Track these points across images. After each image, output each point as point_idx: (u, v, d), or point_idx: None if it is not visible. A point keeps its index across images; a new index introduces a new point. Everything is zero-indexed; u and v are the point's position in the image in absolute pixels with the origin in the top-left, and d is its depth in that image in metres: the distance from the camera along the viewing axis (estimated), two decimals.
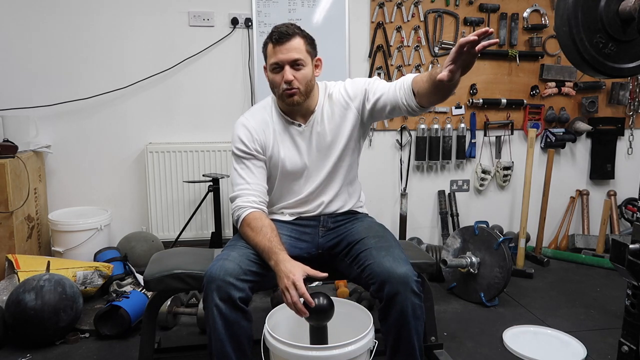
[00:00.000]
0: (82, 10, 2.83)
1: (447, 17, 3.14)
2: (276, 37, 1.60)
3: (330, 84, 1.78)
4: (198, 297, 2.42)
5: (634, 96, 3.40)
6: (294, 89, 1.63)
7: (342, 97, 1.72)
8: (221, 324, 1.43)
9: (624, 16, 1.32)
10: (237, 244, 1.62)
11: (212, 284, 1.43)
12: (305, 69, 1.64)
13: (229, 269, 1.46)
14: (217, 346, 1.45)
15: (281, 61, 1.61)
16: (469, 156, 3.32)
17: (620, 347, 1.28)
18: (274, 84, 1.66)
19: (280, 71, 1.62)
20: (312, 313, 1.44)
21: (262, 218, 1.62)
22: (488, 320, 2.40)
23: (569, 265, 3.21)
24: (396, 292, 1.44)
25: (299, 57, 1.61)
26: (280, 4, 2.95)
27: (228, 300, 1.43)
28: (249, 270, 1.50)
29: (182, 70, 2.97)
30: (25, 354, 2.04)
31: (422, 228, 3.37)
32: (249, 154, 1.70)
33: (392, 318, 1.47)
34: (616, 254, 1.26)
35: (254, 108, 1.81)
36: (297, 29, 1.63)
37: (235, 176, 1.72)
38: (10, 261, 2.38)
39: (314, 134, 1.73)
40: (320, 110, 1.73)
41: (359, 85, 1.72)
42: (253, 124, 1.72)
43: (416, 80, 1.54)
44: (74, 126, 2.92)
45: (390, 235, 1.69)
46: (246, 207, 1.64)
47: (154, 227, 2.95)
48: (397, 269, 1.46)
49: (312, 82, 1.68)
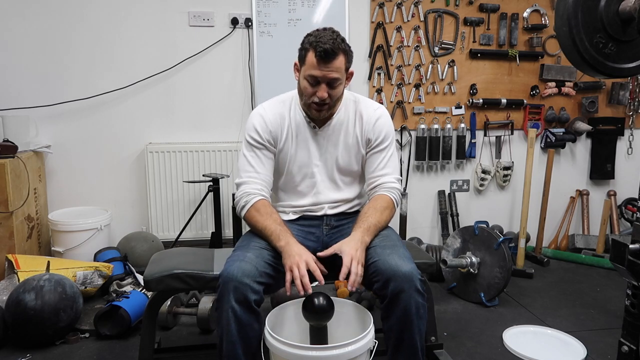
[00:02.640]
0: (82, 10, 2.83)
1: (447, 17, 3.14)
2: (322, 54, 1.56)
3: (364, 102, 1.79)
4: (198, 297, 2.42)
5: (634, 96, 3.40)
6: (325, 104, 1.64)
7: (368, 127, 1.75)
8: (235, 326, 1.42)
9: (624, 16, 1.33)
10: (250, 244, 1.61)
11: (229, 284, 1.43)
12: (340, 86, 1.65)
13: (247, 270, 1.45)
14: (229, 348, 1.44)
15: (321, 78, 1.60)
16: (469, 156, 3.32)
17: (620, 347, 1.28)
18: (305, 92, 1.64)
19: (316, 85, 1.61)
20: (312, 313, 1.44)
21: (270, 206, 1.67)
22: (488, 320, 2.40)
23: (569, 265, 3.20)
24: (401, 289, 1.45)
25: (338, 77, 1.61)
26: (280, 4, 2.95)
27: (244, 302, 1.42)
28: (265, 272, 1.50)
29: (182, 70, 2.97)
30: (25, 354, 2.04)
31: (422, 228, 3.37)
32: (261, 144, 1.71)
33: (396, 316, 1.47)
34: (616, 254, 1.26)
35: (272, 100, 1.79)
36: (341, 45, 1.60)
37: (244, 163, 1.72)
38: (10, 261, 2.38)
39: (327, 139, 1.75)
40: (340, 119, 1.75)
41: (380, 135, 1.75)
42: (270, 116, 1.73)
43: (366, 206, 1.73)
44: (74, 126, 2.92)
45: (395, 235, 1.71)
46: (255, 194, 1.66)
47: (154, 227, 2.95)
48: (402, 267, 1.47)
49: (342, 95, 1.71)
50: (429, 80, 3.18)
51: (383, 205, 1.69)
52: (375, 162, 1.76)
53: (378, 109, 1.78)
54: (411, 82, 3.16)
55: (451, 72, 3.19)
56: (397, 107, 3.16)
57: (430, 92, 3.19)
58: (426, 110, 3.20)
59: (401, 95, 3.16)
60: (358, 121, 1.76)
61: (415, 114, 3.19)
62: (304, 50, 1.63)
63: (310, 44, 1.60)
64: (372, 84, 3.11)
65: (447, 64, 3.17)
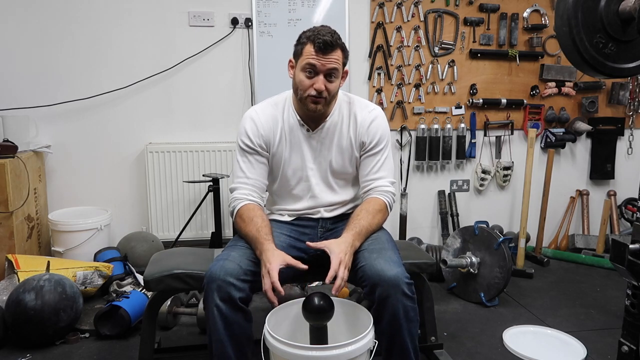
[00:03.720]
0: (82, 10, 2.83)
1: (447, 17, 3.14)
2: (321, 45, 1.56)
3: (358, 103, 1.77)
4: (198, 297, 2.42)
5: (634, 96, 3.40)
6: (322, 98, 1.62)
7: (362, 129, 1.73)
8: (221, 324, 1.43)
9: (624, 16, 1.32)
10: (237, 244, 1.62)
11: (213, 284, 1.44)
12: (336, 81, 1.64)
13: (229, 269, 1.46)
14: (218, 347, 1.45)
15: (319, 67, 1.59)
16: (469, 156, 3.32)
17: (620, 347, 1.28)
18: (301, 86, 1.62)
19: (314, 76, 1.60)
20: (312, 313, 1.44)
21: (255, 209, 1.64)
22: (488, 320, 2.40)
23: (569, 265, 3.21)
24: (387, 295, 1.45)
25: (336, 67, 1.60)
26: (280, 4, 2.95)
27: (228, 301, 1.43)
28: (249, 270, 1.50)
29: (182, 70, 2.97)
30: (25, 354, 2.04)
31: (422, 228, 3.37)
32: (252, 149, 1.71)
33: (385, 321, 1.48)
34: (616, 254, 1.26)
35: (264, 103, 1.78)
36: (339, 40, 1.61)
37: (237, 169, 1.73)
38: (10, 261, 2.38)
39: (320, 142, 1.74)
40: (334, 121, 1.73)
41: (375, 138, 1.73)
42: (261, 119, 1.72)
43: (358, 208, 1.70)
44: (74, 126, 2.92)
45: (385, 236, 1.69)
46: (241, 199, 1.67)
47: (154, 227, 2.95)
48: (388, 272, 1.46)
49: (337, 93, 1.70)
50: (429, 80, 3.18)
51: (376, 208, 1.68)
52: (369, 165, 1.74)
53: (373, 110, 1.75)
54: (411, 82, 3.16)
55: (451, 72, 3.19)
56: (397, 107, 3.16)
57: (430, 92, 3.19)
58: (426, 110, 3.20)
59: (401, 95, 3.16)
60: (352, 123, 1.74)
61: (415, 114, 3.19)
62: (301, 45, 1.62)
63: (308, 37, 1.59)
64: (372, 84, 3.11)
65: (447, 64, 3.17)
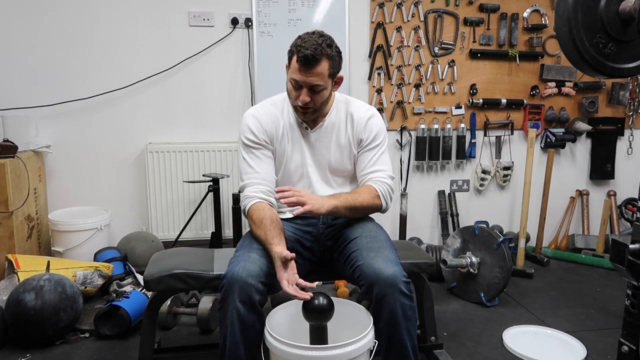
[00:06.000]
0: (81, 10, 2.83)
1: (447, 17, 3.14)
2: (302, 60, 1.55)
3: (354, 103, 1.79)
4: (198, 297, 2.42)
5: (633, 96, 3.40)
6: (308, 108, 1.64)
7: (360, 127, 1.74)
8: (238, 327, 1.43)
9: (624, 16, 1.33)
10: (253, 245, 1.61)
11: (235, 284, 1.43)
12: (323, 92, 1.64)
13: (251, 270, 1.46)
14: (232, 348, 1.44)
15: (302, 83, 1.60)
16: (469, 156, 3.32)
17: (620, 347, 1.28)
18: (290, 94, 1.66)
19: (299, 89, 1.61)
20: (312, 313, 1.44)
21: (264, 209, 1.62)
22: (488, 320, 2.40)
23: (568, 265, 3.20)
24: (384, 294, 1.45)
25: (319, 83, 1.60)
26: (280, 4, 2.95)
27: (248, 303, 1.43)
28: (269, 272, 1.50)
29: (182, 70, 2.97)
30: (25, 354, 2.04)
31: (422, 228, 3.37)
32: (257, 144, 1.71)
33: (383, 320, 1.48)
34: (616, 254, 1.26)
35: (263, 102, 1.80)
36: (325, 50, 1.57)
37: (244, 165, 1.71)
38: (10, 261, 2.38)
39: (319, 140, 1.75)
40: (332, 120, 1.75)
41: (371, 134, 1.75)
42: (263, 116, 1.73)
43: (354, 191, 1.74)
44: (74, 126, 2.92)
45: (383, 235, 1.70)
46: (252, 198, 1.65)
47: (154, 227, 2.95)
48: (385, 271, 1.47)
49: (328, 99, 1.70)
50: (429, 80, 3.18)
51: (364, 190, 1.70)
52: (366, 159, 1.76)
53: (369, 109, 1.79)
54: (411, 82, 3.16)
55: (451, 72, 3.19)
56: (397, 107, 3.16)
57: (430, 92, 3.19)
58: (426, 110, 3.20)
59: (401, 95, 3.15)
60: (350, 121, 1.76)
61: (415, 114, 3.19)
62: (290, 53, 1.63)
63: (296, 47, 1.59)
64: (372, 84, 3.11)
65: (447, 64, 3.17)
